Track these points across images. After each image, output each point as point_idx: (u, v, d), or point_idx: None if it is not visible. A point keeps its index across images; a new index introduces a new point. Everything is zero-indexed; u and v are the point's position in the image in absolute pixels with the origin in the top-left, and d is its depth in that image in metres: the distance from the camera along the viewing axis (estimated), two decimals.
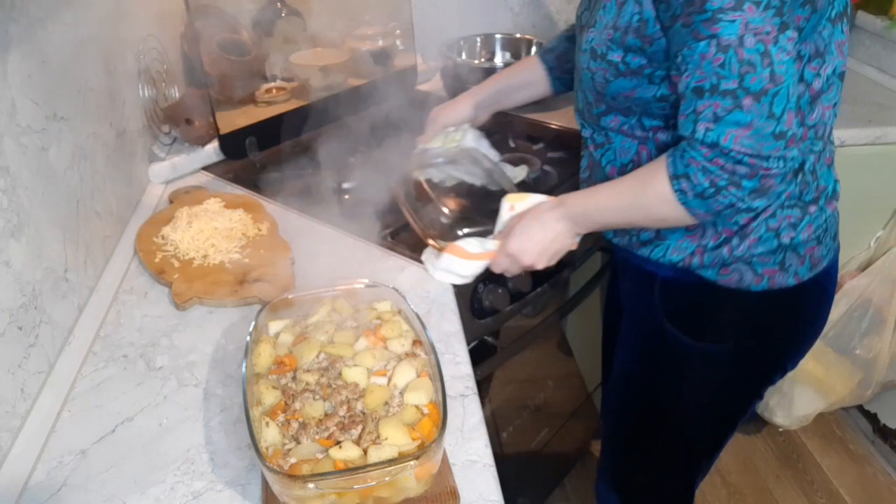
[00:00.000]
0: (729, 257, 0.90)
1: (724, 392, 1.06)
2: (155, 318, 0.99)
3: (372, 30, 1.66)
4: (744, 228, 0.89)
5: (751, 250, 0.89)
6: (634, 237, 0.97)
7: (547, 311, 1.42)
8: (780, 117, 0.74)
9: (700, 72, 0.74)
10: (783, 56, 0.72)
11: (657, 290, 0.99)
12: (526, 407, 1.53)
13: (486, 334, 1.19)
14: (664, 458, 1.15)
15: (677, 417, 1.09)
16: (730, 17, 0.71)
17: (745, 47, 0.71)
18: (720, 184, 0.77)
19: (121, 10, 1.25)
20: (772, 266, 0.91)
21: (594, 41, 0.86)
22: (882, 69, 1.79)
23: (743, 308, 0.95)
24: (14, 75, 0.84)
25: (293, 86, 1.55)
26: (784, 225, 0.89)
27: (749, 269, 0.91)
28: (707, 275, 0.93)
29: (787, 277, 0.92)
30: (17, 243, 0.81)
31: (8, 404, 0.78)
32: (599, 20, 0.85)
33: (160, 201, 1.29)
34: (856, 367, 1.73)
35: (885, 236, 1.70)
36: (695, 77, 0.75)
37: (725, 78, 0.73)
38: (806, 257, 0.92)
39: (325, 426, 0.69)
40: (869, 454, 1.98)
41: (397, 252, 1.12)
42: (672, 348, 1.01)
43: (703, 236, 0.91)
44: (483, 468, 0.76)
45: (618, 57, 0.83)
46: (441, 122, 1.23)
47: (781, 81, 0.73)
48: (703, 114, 0.75)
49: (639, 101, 0.87)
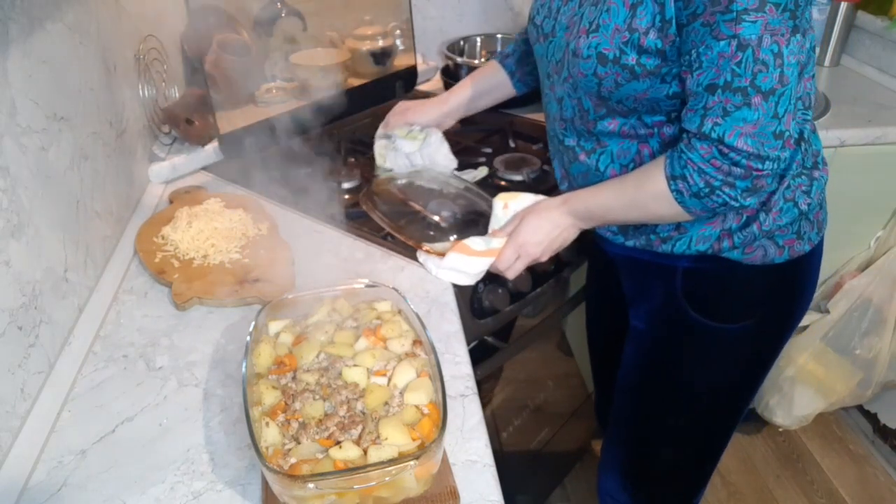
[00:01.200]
0: (759, 233, 0.92)
1: (739, 373, 1.08)
2: (155, 318, 0.99)
3: (372, 30, 1.66)
4: (766, 204, 0.91)
5: (776, 223, 0.92)
6: (653, 235, 0.98)
7: (547, 311, 1.42)
8: (783, 117, 0.77)
9: (716, 69, 0.77)
10: (792, 59, 0.76)
11: (679, 281, 1.00)
12: (526, 407, 1.53)
13: (486, 334, 1.19)
14: (678, 445, 1.16)
15: (692, 404, 1.10)
16: (752, 18, 0.73)
17: (763, 47, 0.74)
18: (715, 184, 0.81)
19: (121, 10, 1.26)
20: (791, 236, 0.94)
21: (601, 45, 0.84)
22: (882, 69, 1.79)
23: (766, 282, 0.98)
24: (14, 75, 0.84)
25: (293, 86, 1.55)
26: (798, 193, 0.93)
27: (772, 242, 0.94)
28: (733, 256, 0.95)
29: (803, 245, 0.96)
30: (17, 243, 0.81)
31: (8, 404, 0.78)
32: (603, 24, 0.84)
33: (160, 201, 1.29)
34: (856, 367, 1.73)
35: (885, 236, 1.70)
36: (709, 74, 0.77)
37: (739, 76, 0.75)
38: (814, 222, 0.97)
39: (325, 426, 0.69)
40: (869, 454, 1.98)
41: (397, 252, 1.13)
42: (692, 335, 1.03)
43: (725, 220, 0.93)
44: (483, 468, 0.76)
45: (633, 60, 0.83)
46: (408, 119, 1.27)
47: (788, 83, 0.76)
48: (713, 109, 0.78)
49: (648, 102, 0.87)
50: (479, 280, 1.05)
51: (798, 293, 1.03)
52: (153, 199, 1.29)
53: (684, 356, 1.06)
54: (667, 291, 1.02)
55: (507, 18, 1.98)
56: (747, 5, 0.73)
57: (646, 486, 1.24)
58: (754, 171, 0.79)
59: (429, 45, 1.90)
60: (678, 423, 1.13)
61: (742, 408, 1.15)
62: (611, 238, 1.04)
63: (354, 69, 1.65)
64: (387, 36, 1.68)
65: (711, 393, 1.09)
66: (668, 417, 1.13)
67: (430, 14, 1.89)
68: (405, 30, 1.73)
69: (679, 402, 1.11)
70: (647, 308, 1.07)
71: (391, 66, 1.70)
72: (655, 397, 1.13)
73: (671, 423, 1.13)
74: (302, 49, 1.58)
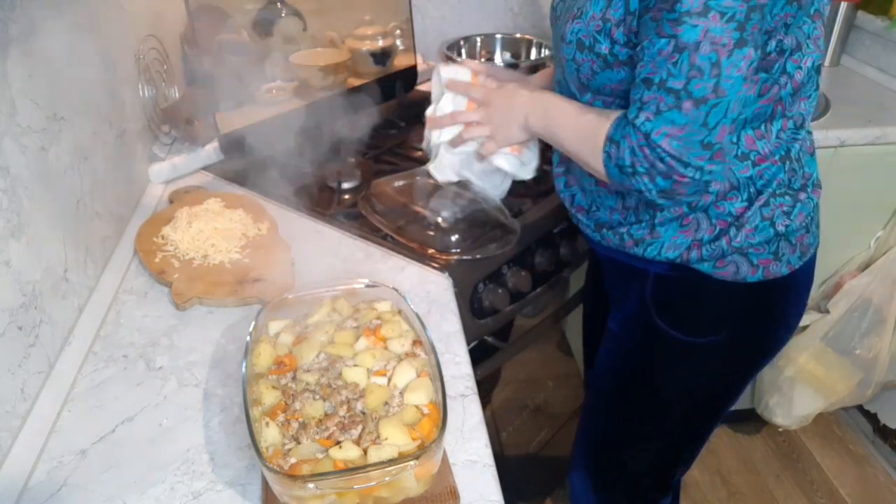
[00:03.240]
0: (728, 248, 0.91)
1: (713, 384, 1.07)
2: (155, 318, 0.99)
3: (372, 30, 1.66)
4: (738, 219, 0.90)
5: (748, 240, 0.90)
6: (627, 236, 0.97)
7: (547, 311, 1.42)
8: (713, 129, 0.76)
9: (653, 65, 0.76)
10: (733, 71, 0.74)
11: (649, 286, 0.99)
12: (526, 407, 1.53)
13: (486, 334, 1.19)
14: (646, 450, 1.15)
15: (663, 410, 1.09)
16: (693, 22, 0.72)
17: (700, 53, 0.73)
18: (639, 169, 0.80)
19: (121, 10, 1.26)
20: (766, 256, 0.92)
21: (581, 32, 0.85)
22: (882, 69, 1.79)
23: (738, 300, 0.96)
24: (14, 75, 0.84)
25: (293, 86, 1.55)
26: (778, 213, 0.90)
27: (745, 260, 0.92)
28: (703, 268, 0.93)
29: (780, 267, 0.93)
30: (17, 243, 0.81)
31: (8, 404, 0.78)
32: (586, 11, 0.85)
33: (160, 201, 1.29)
34: (856, 367, 1.73)
35: (885, 236, 1.70)
36: (647, 69, 0.77)
37: (674, 77, 0.75)
38: (797, 245, 0.94)
39: (325, 426, 0.69)
40: (869, 454, 1.98)
41: (397, 252, 1.13)
42: (663, 343, 1.01)
43: (697, 230, 0.91)
44: (483, 468, 0.76)
45: (605, 49, 0.84)
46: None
47: (724, 94, 0.74)
48: (648, 104, 0.78)
49: (624, 91, 0.87)
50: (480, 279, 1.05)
51: (775, 315, 1.01)
52: (153, 199, 1.29)
53: (656, 362, 1.05)
54: (639, 296, 1.01)
55: (507, 18, 1.98)
56: (691, 8, 0.72)
57: (611, 487, 1.23)
58: (675, 174, 0.78)
59: (429, 45, 1.90)
60: (646, 429, 1.11)
61: (716, 417, 1.13)
62: (589, 235, 1.04)
63: (354, 69, 1.65)
64: (387, 36, 1.68)
65: (682, 401, 1.07)
66: (636, 422, 1.12)
67: (430, 14, 1.89)
68: (405, 30, 1.73)
69: (649, 407, 1.10)
70: (623, 311, 1.07)
71: (391, 66, 1.70)
72: (625, 401, 1.12)
73: (639, 429, 1.12)
74: (302, 49, 1.58)
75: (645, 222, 0.94)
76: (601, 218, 0.99)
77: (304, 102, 1.50)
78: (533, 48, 1.84)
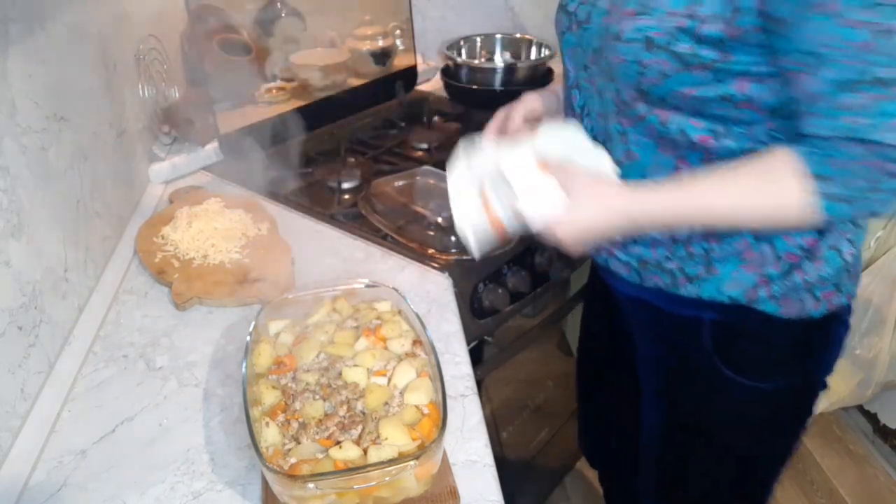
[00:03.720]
0: (801, 283, 0.82)
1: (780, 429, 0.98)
2: (155, 318, 0.99)
3: (372, 30, 1.66)
4: (809, 251, 0.81)
5: (819, 272, 0.82)
6: (679, 272, 0.85)
7: (547, 311, 1.42)
8: None
9: (849, 62, 0.66)
10: None
11: (706, 336, 0.88)
12: (526, 407, 1.53)
13: (486, 334, 1.19)
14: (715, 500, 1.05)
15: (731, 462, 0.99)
16: (891, 1, 0.63)
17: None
18: (881, 186, 0.68)
19: (121, 10, 1.26)
20: (829, 289, 0.84)
21: (651, 29, 0.74)
22: None
23: (806, 337, 0.88)
24: (14, 75, 0.84)
25: (293, 86, 1.55)
26: (843, 241, 0.83)
27: (810, 295, 0.83)
28: (767, 308, 0.84)
29: (841, 297, 0.85)
30: (17, 243, 0.81)
31: (8, 404, 0.78)
32: (656, 6, 0.74)
33: (160, 201, 1.29)
34: (856, 367, 1.73)
35: (885, 236, 1.69)
36: (840, 68, 0.67)
37: (884, 66, 0.65)
38: (854, 274, 0.87)
39: (325, 426, 0.69)
40: (869, 454, 1.98)
41: (397, 252, 1.13)
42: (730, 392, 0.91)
43: (763, 264, 0.82)
44: (483, 468, 0.76)
45: (687, 48, 0.73)
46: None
47: None
48: (851, 107, 0.67)
49: (694, 101, 0.76)
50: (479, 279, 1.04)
51: (834, 348, 0.92)
52: (153, 199, 1.29)
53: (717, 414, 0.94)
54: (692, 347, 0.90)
55: (507, 18, 1.98)
56: None
57: None
58: None
59: (429, 45, 1.90)
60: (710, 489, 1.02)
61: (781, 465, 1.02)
62: (625, 277, 0.91)
63: (354, 69, 1.65)
64: (387, 36, 1.68)
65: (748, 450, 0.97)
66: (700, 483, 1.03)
67: (430, 14, 1.89)
68: (405, 30, 1.73)
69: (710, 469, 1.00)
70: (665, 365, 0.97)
71: (391, 66, 1.70)
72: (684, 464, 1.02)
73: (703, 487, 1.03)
74: (302, 49, 1.58)
75: (699, 257, 0.83)
76: (644, 254, 0.87)
77: (304, 102, 1.50)
78: (533, 48, 1.84)
